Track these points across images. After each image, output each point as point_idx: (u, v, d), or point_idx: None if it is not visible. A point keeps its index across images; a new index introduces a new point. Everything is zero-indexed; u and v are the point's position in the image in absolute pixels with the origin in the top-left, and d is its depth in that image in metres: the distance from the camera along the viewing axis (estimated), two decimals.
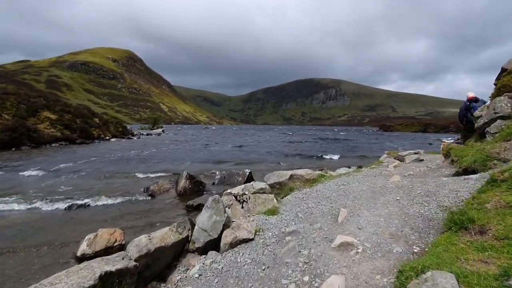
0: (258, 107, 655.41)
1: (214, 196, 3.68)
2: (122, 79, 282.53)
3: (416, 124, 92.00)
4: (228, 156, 15.45)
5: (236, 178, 8.25)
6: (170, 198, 6.96)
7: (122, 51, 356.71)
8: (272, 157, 15.28)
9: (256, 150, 19.53)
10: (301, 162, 13.35)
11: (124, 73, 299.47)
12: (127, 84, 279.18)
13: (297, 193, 5.17)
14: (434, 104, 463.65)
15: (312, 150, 19.34)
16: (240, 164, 12.23)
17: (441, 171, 5.96)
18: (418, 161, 7.79)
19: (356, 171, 7.16)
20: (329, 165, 12.15)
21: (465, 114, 8.20)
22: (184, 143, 24.14)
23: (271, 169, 10.66)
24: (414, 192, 4.27)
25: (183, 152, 17.17)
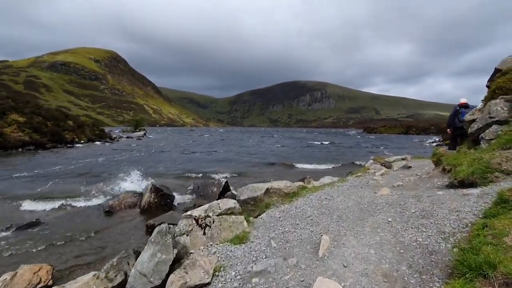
0: (245, 109, 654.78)
1: (161, 226, 2.88)
2: (105, 80, 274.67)
3: (399, 126, 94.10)
4: (207, 162, 14.43)
5: (211, 188, 7.45)
6: (131, 215, 6.06)
7: (104, 52, 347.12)
8: (255, 163, 14.34)
9: (239, 155, 18.51)
10: (284, 169, 12.54)
11: (107, 74, 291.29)
12: (110, 85, 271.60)
13: (274, 210, 4.44)
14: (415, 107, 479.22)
15: (297, 156, 18.43)
16: (218, 172, 11.34)
17: (433, 181, 5.40)
18: (406, 168, 7.26)
19: (341, 181, 6.52)
20: (313, 172, 11.50)
21: (453, 119, 8.05)
22: (164, 147, 22.87)
23: (251, 177, 9.92)
24: (408, 211, 3.63)
25: (159, 158, 15.98)
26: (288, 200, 4.84)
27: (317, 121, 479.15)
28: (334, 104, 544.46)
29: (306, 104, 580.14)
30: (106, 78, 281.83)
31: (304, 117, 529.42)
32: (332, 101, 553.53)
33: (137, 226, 5.40)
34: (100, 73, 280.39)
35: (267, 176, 10.41)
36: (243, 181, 9.12)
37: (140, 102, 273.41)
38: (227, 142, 32.40)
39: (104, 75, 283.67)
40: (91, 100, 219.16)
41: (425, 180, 5.60)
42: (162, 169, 11.91)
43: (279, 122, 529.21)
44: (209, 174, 10.51)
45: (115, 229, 5.26)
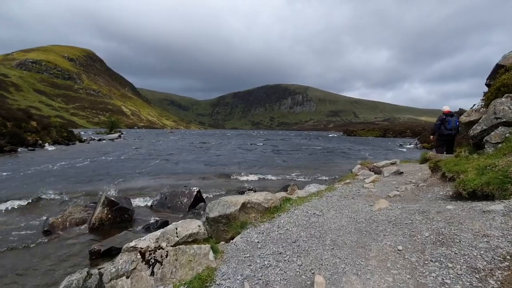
0: (227, 112, 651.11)
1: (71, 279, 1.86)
2: (79, 79, 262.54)
3: (377, 129, 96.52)
4: (181, 168, 12.96)
5: (180, 199, 6.41)
6: (76, 236, 4.90)
7: (79, 50, 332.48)
8: (234, 168, 12.91)
9: (217, 159, 17.05)
10: (266, 174, 11.56)
11: (82, 74, 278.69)
12: (85, 85, 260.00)
13: (251, 232, 3.53)
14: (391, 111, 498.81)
15: (279, 160, 17.25)
16: (192, 178, 10.14)
17: (433, 190, 4.73)
18: (398, 174, 6.63)
19: (329, 189, 5.74)
20: (298, 178, 10.68)
21: (439, 127, 8.39)
22: (136, 151, 21.13)
23: (228, 185, 8.94)
24: (420, 234, 2.85)
25: (127, 163, 14.27)
26: (269, 217, 3.95)
27: (298, 124, 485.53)
28: (315, 108, 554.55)
29: (288, 107, 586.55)
30: (81, 77, 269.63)
31: (285, 120, 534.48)
32: (313, 104, 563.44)
33: (80, 253, 4.26)
34: (75, 73, 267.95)
35: (250, 184, 9.49)
36: (218, 192, 8.13)
37: (118, 103, 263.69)
38: (205, 145, 30.92)
39: (79, 75, 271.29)
40: (64, 101, 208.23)
41: (424, 189, 4.92)
42: (127, 176, 10.57)
43: (261, 125, 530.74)
44: (181, 182, 9.36)
45: (48, 258, 4.09)
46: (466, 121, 5.79)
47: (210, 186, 8.82)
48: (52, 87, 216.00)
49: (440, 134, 8.50)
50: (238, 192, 8.18)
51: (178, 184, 8.97)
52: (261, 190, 8.37)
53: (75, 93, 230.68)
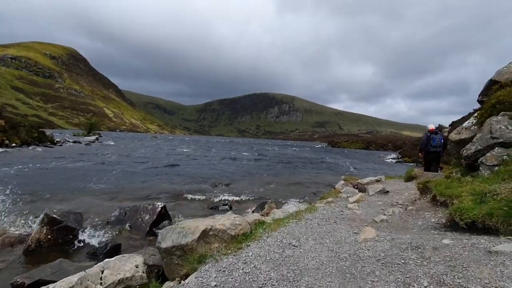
0: (213, 118, 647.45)
1: None
2: (61, 78, 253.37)
3: (360, 141, 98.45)
4: (151, 180, 11.66)
5: (141, 215, 5.60)
6: (6, 259, 4.00)
7: (62, 48, 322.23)
8: (210, 182, 11.98)
9: (193, 170, 15.65)
10: (244, 190, 10.48)
11: (64, 72, 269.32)
12: (66, 84, 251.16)
13: (210, 269, 2.84)
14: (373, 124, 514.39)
15: (260, 172, 16.33)
16: (162, 192, 9.06)
17: (424, 216, 4.23)
18: (384, 193, 6.14)
19: (309, 210, 5.14)
20: (277, 193, 9.96)
21: (426, 145, 8.49)
22: (110, 156, 19.69)
23: (200, 202, 8.11)
24: (416, 282, 2.27)
25: (95, 169, 12.61)
26: (235, 248, 3.26)
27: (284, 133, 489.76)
28: (301, 118, 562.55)
29: (274, 116, 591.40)
30: (63, 76, 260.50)
31: (271, 129, 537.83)
32: (299, 115, 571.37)
33: (4, 284, 3.40)
34: (56, 71, 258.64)
35: (222, 202, 8.76)
36: (187, 209, 7.31)
37: (100, 105, 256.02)
38: (186, 153, 29.64)
39: (61, 73, 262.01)
40: (43, 99, 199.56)
41: (413, 214, 4.42)
42: (91, 186, 9.47)
43: (247, 133, 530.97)
44: (147, 196, 8.38)
45: None
46: (456, 139, 5.41)
47: (179, 203, 7.94)
48: (31, 84, 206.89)
49: (427, 151, 8.59)
50: (211, 207, 7.44)
51: (142, 196, 8.08)
52: (237, 208, 7.70)
53: (55, 92, 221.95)
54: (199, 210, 7.27)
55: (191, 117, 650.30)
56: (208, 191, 9.57)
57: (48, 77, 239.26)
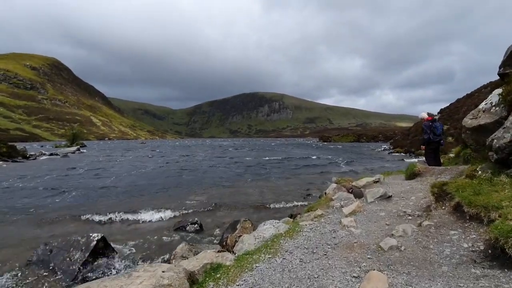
0: (204, 120, 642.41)
1: None
2: (43, 89, 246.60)
3: (351, 134, 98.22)
4: (107, 198, 9.41)
5: (70, 253, 4.20)
6: None
7: (43, 58, 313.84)
8: (181, 192, 10.21)
9: (167, 179, 13.43)
10: (218, 204, 8.48)
11: (46, 83, 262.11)
12: (50, 95, 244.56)
13: None
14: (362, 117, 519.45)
15: (243, 178, 13.86)
16: (115, 212, 7.19)
17: (451, 238, 2.97)
18: (386, 199, 4.89)
19: (291, 232, 3.83)
20: (256, 205, 8.30)
21: (429, 135, 7.60)
22: (77, 170, 17.33)
23: (157, 227, 6.62)
24: None
25: (43, 191, 10.52)
26: None
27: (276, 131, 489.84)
28: (292, 115, 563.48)
29: (265, 114, 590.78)
30: (46, 87, 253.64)
31: (263, 128, 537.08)
32: (289, 112, 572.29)
33: None
34: (38, 82, 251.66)
35: (188, 223, 7.35)
36: (140, 236, 5.84)
37: (87, 114, 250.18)
38: (168, 161, 27.31)
39: (43, 84, 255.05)
40: (26, 112, 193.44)
41: (434, 234, 3.14)
42: (24, 210, 7.79)
43: (239, 133, 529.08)
44: (92, 221, 6.74)
45: None
46: (473, 125, 4.19)
47: (135, 226, 6.42)
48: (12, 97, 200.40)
49: (430, 142, 7.65)
50: (177, 228, 6.06)
51: (86, 222, 6.60)
52: (207, 228, 6.31)
53: (39, 104, 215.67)
54: (160, 233, 5.88)
55: (181, 120, 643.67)
56: (176, 206, 8.06)
57: (29, 89, 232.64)
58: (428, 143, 7.70)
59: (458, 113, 33.12)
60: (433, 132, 7.49)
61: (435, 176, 6.01)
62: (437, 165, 8.00)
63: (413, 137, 37.94)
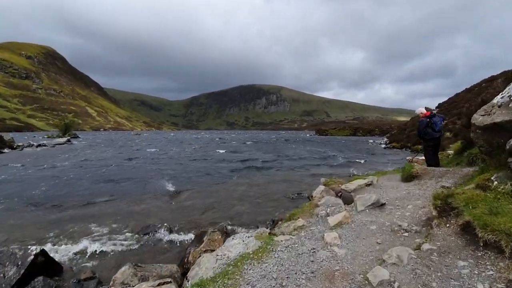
0: (201, 112, 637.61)
1: None
2: (38, 79, 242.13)
3: (347, 128, 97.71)
4: (75, 199, 8.31)
5: (6, 268, 3.47)
6: None
7: (38, 47, 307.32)
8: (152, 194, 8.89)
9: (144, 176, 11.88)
10: (195, 201, 7.99)
11: (41, 72, 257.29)
12: (45, 84, 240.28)
13: None
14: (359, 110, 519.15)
15: (228, 174, 12.77)
16: (74, 220, 6.36)
17: (460, 271, 2.28)
18: (378, 208, 4.20)
19: (260, 253, 3.13)
20: (236, 204, 7.68)
21: (426, 131, 7.02)
22: (57, 163, 16.18)
23: (112, 234, 5.84)
24: None
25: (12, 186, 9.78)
26: None
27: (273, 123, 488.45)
28: (289, 107, 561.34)
29: (262, 107, 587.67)
30: (40, 76, 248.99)
31: (260, 120, 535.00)
32: (287, 104, 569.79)
33: None
34: (33, 71, 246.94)
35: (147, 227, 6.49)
36: (91, 249, 5.05)
37: (82, 104, 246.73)
38: (154, 155, 25.73)
39: (38, 74, 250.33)
40: (21, 102, 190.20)
41: (438, 265, 2.45)
42: None
43: (236, 125, 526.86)
44: (46, 229, 5.83)
45: None
46: (485, 123, 3.47)
47: (79, 240, 5.50)
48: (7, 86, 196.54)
49: (429, 138, 7.01)
50: (144, 233, 5.33)
51: (41, 229, 5.82)
52: (175, 237, 5.54)
53: (34, 93, 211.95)
54: (124, 244, 5.16)
55: (178, 112, 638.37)
56: (143, 211, 7.21)
57: (25, 78, 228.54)
58: (427, 139, 7.05)
59: (457, 108, 32.55)
60: (431, 128, 6.83)
61: (436, 179, 5.33)
62: (436, 163, 7.35)
63: (410, 131, 37.38)
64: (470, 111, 7.30)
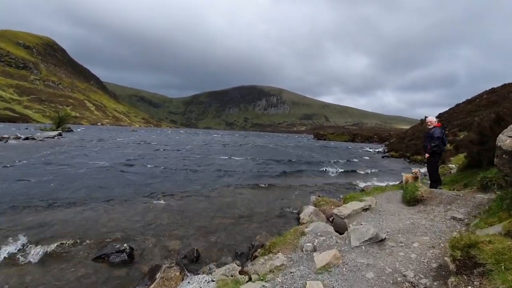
0: (200, 111, 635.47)
1: None
2: (37, 69, 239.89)
3: (346, 134, 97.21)
4: (37, 200, 7.46)
5: None
6: None
7: (38, 37, 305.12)
8: (122, 204, 7.74)
9: (114, 184, 10.22)
10: (165, 220, 6.66)
11: (40, 63, 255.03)
12: (43, 76, 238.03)
13: None
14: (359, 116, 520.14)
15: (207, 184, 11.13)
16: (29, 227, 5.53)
17: None
18: (377, 244, 3.41)
19: None
20: (210, 224, 6.50)
21: (442, 141, 6.29)
22: (34, 161, 15.13)
23: (78, 244, 4.97)
24: None
25: None
26: None
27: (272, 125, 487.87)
28: (289, 110, 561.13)
29: (262, 108, 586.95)
30: (39, 67, 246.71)
31: (259, 121, 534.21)
32: (287, 107, 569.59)
33: None
34: (31, 61, 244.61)
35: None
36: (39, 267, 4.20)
37: (80, 97, 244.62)
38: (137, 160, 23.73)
39: (36, 64, 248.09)
40: (17, 92, 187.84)
41: None
42: None
43: (235, 125, 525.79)
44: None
45: None
46: None
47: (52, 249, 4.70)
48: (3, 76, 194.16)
49: (439, 152, 6.33)
50: (98, 256, 4.51)
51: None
52: (139, 258, 4.61)
53: (31, 84, 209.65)
54: (77, 263, 4.34)
55: (177, 110, 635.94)
56: (105, 223, 6.25)
57: (22, 68, 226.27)
58: (437, 153, 6.33)
59: (458, 119, 32.00)
60: (442, 142, 6.17)
61: (444, 206, 4.56)
62: (439, 179, 6.63)
63: (409, 141, 36.75)
64: (482, 127, 6.55)
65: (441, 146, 6.12)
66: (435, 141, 6.11)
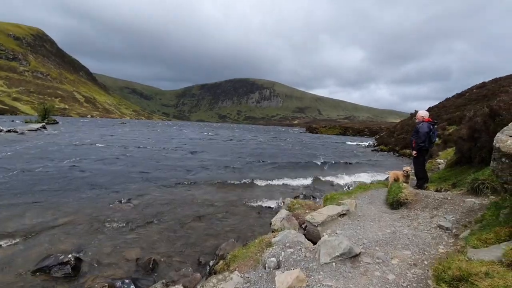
0: (193, 103, 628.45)
1: None
2: (26, 61, 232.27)
3: (338, 127, 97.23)
4: None
5: None
6: None
7: (27, 28, 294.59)
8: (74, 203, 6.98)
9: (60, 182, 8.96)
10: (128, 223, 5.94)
11: (29, 54, 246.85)
12: (32, 67, 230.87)
13: None
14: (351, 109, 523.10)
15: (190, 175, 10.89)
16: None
17: None
18: (350, 262, 2.90)
19: None
20: (175, 234, 5.58)
21: (428, 138, 5.89)
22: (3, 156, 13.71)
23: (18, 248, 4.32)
24: None
25: None
26: None
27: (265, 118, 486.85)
28: (282, 103, 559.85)
29: (255, 101, 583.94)
30: (28, 58, 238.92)
31: (252, 114, 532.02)
32: (280, 100, 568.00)
33: None
34: (20, 53, 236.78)
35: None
36: None
37: (69, 89, 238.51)
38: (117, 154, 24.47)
39: (25, 55, 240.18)
40: (6, 84, 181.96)
41: None
42: None
43: (228, 118, 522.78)
44: None
45: None
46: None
47: None
48: None
49: (425, 149, 5.99)
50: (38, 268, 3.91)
51: None
52: (87, 270, 4.02)
53: (20, 76, 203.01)
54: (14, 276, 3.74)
55: (170, 102, 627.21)
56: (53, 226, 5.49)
57: (12, 60, 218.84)
58: (424, 150, 5.96)
59: (447, 113, 31.94)
60: (429, 139, 5.72)
61: (430, 211, 4.08)
62: (426, 177, 6.23)
63: (398, 135, 36.65)
64: (473, 122, 6.09)
65: (426, 143, 5.67)
66: (421, 137, 5.69)
